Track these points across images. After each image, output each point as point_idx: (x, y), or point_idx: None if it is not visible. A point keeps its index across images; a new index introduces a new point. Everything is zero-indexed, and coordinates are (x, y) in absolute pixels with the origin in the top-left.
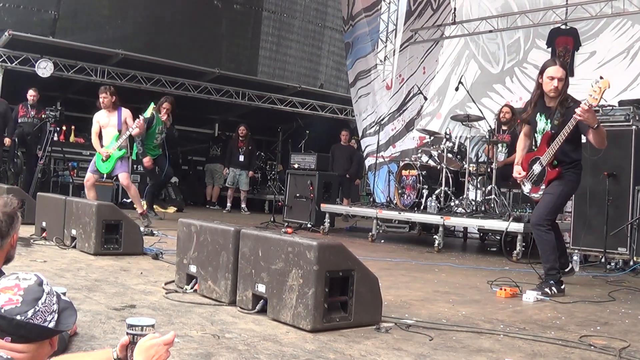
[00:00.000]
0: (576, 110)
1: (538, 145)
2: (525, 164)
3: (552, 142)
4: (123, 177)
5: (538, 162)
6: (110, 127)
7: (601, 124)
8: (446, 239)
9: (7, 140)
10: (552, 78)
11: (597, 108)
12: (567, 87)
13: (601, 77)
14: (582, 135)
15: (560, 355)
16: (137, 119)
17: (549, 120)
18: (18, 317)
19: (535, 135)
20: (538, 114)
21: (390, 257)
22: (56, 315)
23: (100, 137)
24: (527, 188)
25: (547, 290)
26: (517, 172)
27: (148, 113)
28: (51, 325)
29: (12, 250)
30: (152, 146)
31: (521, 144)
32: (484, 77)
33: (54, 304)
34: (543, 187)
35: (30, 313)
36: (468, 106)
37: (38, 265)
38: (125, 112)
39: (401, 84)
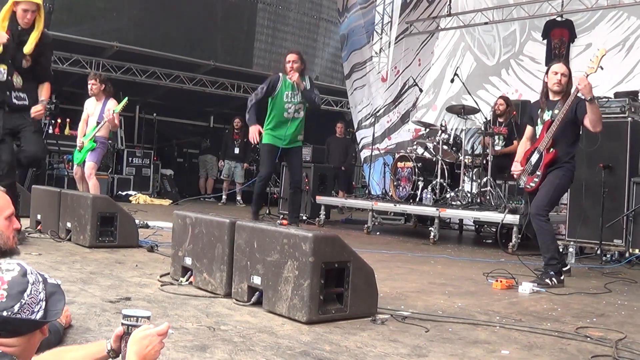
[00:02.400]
0: (576, 79)
1: (538, 135)
2: (524, 160)
3: (551, 127)
4: (87, 167)
5: (536, 151)
6: (93, 117)
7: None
8: (442, 231)
9: None
10: (556, 73)
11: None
12: (570, 86)
13: (598, 49)
14: (579, 127)
15: (556, 346)
16: (108, 111)
17: (550, 112)
18: (4, 313)
19: (536, 128)
20: (542, 110)
21: (386, 249)
22: (44, 304)
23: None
24: (522, 181)
25: (547, 281)
26: (516, 167)
27: (119, 107)
28: (39, 314)
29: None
30: (281, 121)
31: (522, 146)
32: (479, 69)
33: (40, 293)
34: (538, 173)
35: (16, 307)
36: (464, 98)
37: (33, 258)
38: (110, 104)
39: (396, 76)
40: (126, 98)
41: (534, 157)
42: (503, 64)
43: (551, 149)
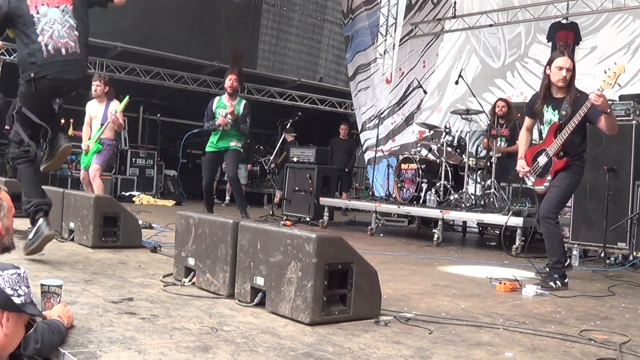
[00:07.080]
0: (590, 96)
1: (544, 136)
2: (530, 158)
3: (560, 133)
4: (91, 169)
5: (544, 153)
6: (97, 119)
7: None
8: (445, 233)
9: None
10: (561, 68)
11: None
12: (574, 78)
13: (615, 63)
14: (587, 126)
15: (560, 349)
16: (112, 113)
17: (556, 111)
18: None
19: (542, 127)
20: (545, 106)
21: (390, 251)
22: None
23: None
24: (530, 181)
25: (551, 283)
26: (521, 166)
27: (122, 106)
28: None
29: (5, 239)
30: None
31: (523, 138)
32: (485, 71)
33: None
34: (549, 178)
35: None
36: (469, 101)
37: (36, 257)
38: (113, 105)
39: (401, 77)
40: (127, 96)
41: (542, 159)
42: (508, 66)
43: (561, 154)
